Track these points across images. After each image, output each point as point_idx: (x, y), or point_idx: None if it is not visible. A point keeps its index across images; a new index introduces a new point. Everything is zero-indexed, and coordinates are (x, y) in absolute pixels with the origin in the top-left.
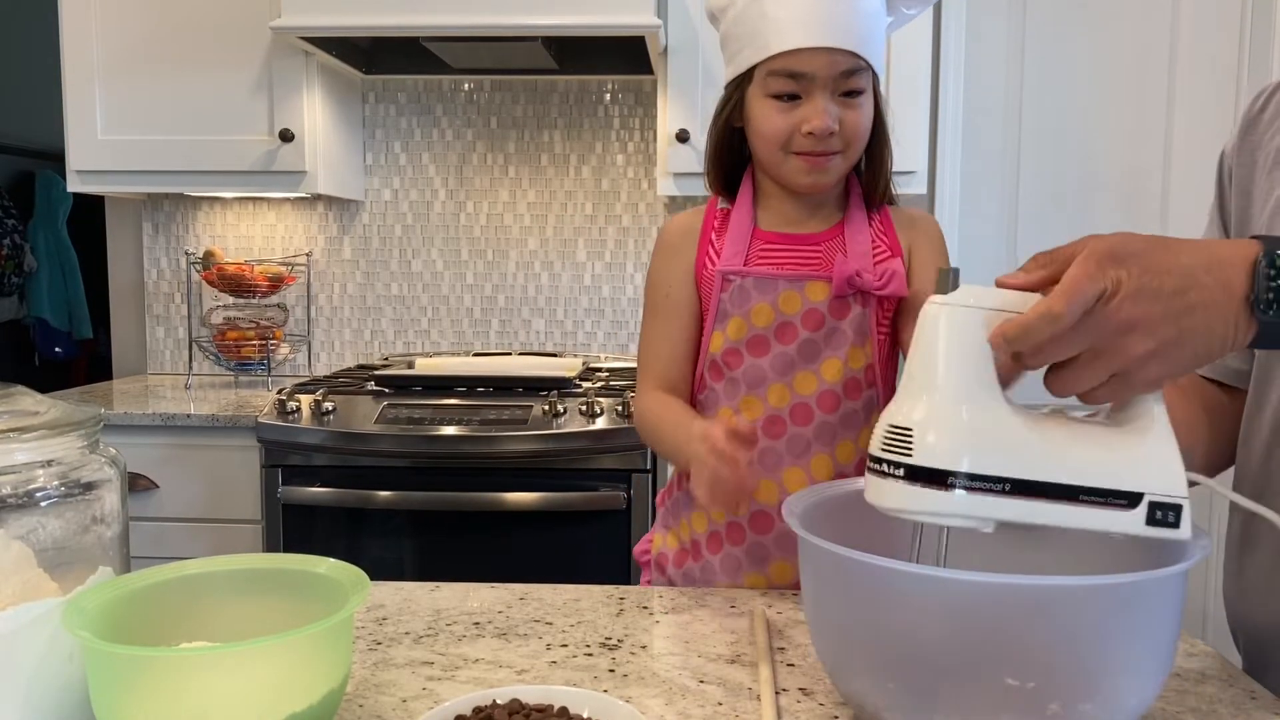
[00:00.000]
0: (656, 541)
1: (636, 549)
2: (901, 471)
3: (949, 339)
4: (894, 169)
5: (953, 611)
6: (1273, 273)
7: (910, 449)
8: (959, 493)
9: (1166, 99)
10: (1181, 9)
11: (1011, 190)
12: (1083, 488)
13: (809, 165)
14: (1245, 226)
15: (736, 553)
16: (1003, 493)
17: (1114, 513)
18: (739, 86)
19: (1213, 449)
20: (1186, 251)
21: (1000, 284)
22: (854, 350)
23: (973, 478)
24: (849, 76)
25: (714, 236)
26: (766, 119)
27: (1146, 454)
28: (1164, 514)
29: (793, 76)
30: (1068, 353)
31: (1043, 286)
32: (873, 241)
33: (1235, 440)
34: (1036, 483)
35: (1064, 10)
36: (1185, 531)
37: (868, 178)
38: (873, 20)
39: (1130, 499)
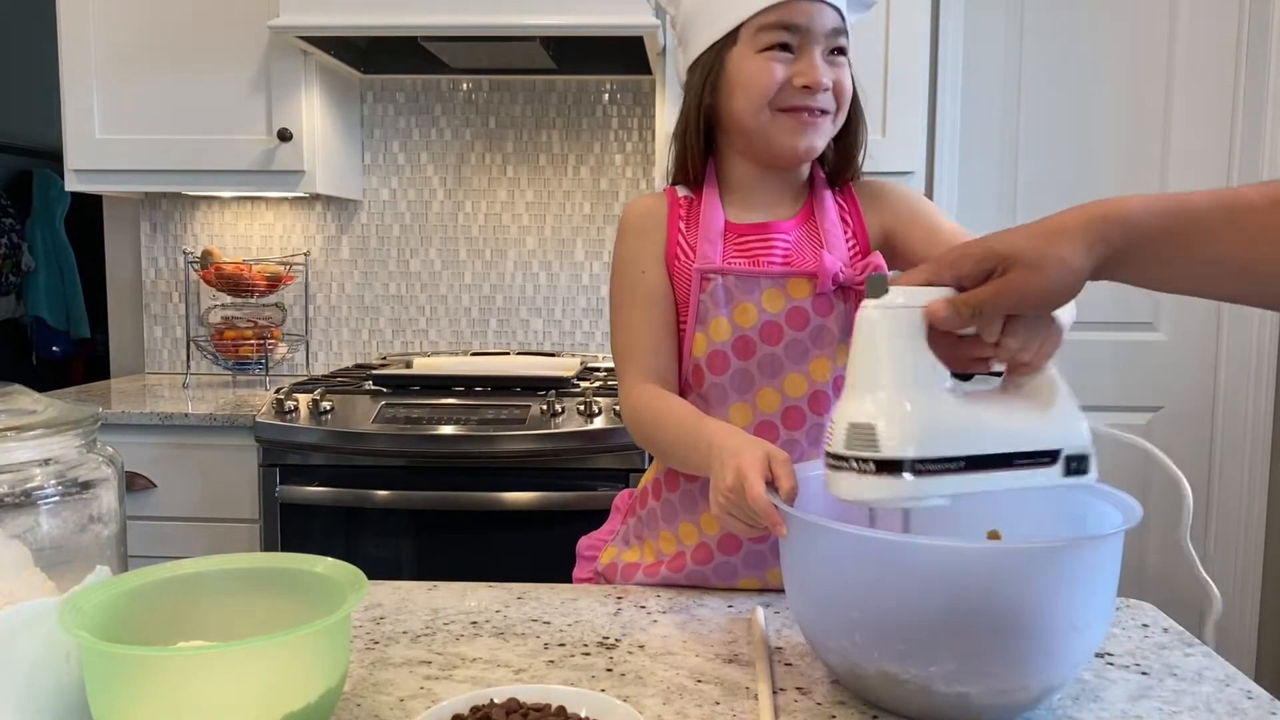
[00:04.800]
0: (611, 552)
1: (582, 543)
2: (872, 466)
3: (891, 339)
4: (891, 169)
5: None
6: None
7: (876, 444)
8: (925, 478)
9: (1164, 97)
10: (1179, 7)
11: (1010, 190)
12: (1017, 454)
13: (799, 124)
14: None
15: (704, 570)
16: (959, 470)
17: (1040, 470)
18: (719, 54)
19: None
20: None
21: (904, 280)
22: (841, 348)
23: (934, 461)
24: (837, 35)
25: (682, 226)
26: (762, 71)
27: (1056, 416)
28: (1077, 464)
29: (787, 28)
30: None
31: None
32: (842, 225)
33: None
34: (983, 456)
35: (1062, 9)
36: (1093, 476)
37: (839, 152)
38: None
39: (1051, 456)
